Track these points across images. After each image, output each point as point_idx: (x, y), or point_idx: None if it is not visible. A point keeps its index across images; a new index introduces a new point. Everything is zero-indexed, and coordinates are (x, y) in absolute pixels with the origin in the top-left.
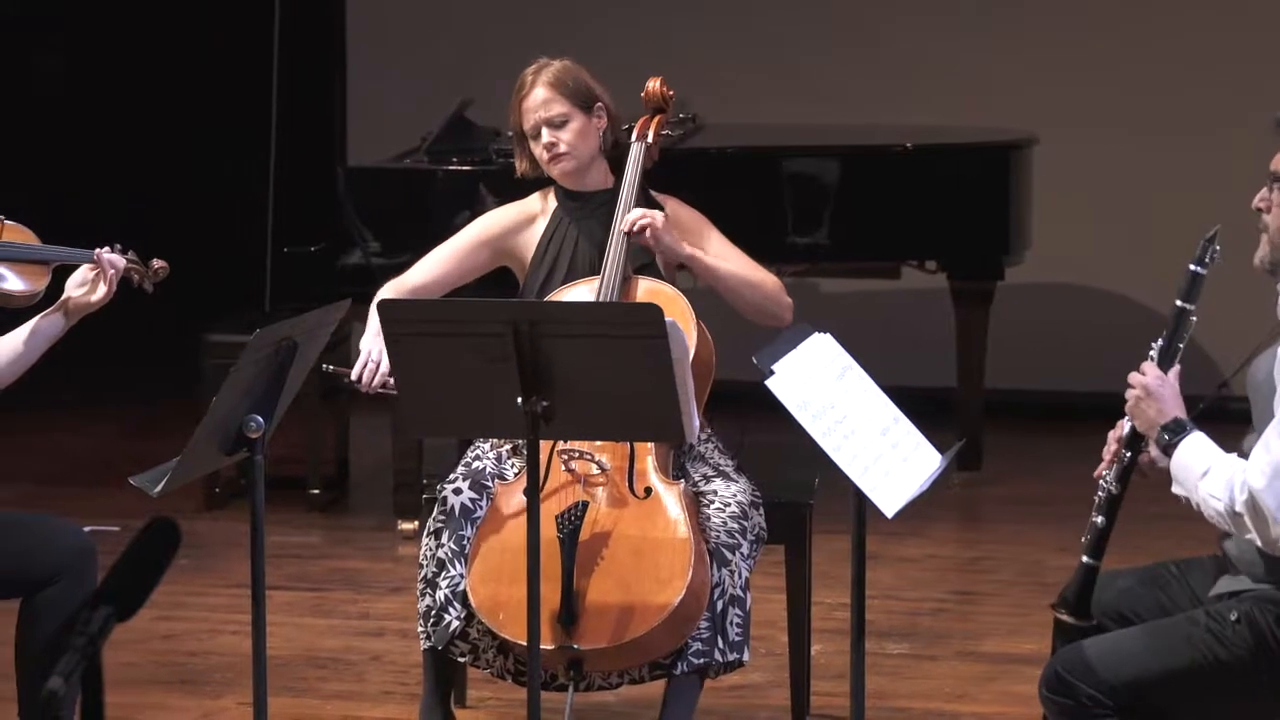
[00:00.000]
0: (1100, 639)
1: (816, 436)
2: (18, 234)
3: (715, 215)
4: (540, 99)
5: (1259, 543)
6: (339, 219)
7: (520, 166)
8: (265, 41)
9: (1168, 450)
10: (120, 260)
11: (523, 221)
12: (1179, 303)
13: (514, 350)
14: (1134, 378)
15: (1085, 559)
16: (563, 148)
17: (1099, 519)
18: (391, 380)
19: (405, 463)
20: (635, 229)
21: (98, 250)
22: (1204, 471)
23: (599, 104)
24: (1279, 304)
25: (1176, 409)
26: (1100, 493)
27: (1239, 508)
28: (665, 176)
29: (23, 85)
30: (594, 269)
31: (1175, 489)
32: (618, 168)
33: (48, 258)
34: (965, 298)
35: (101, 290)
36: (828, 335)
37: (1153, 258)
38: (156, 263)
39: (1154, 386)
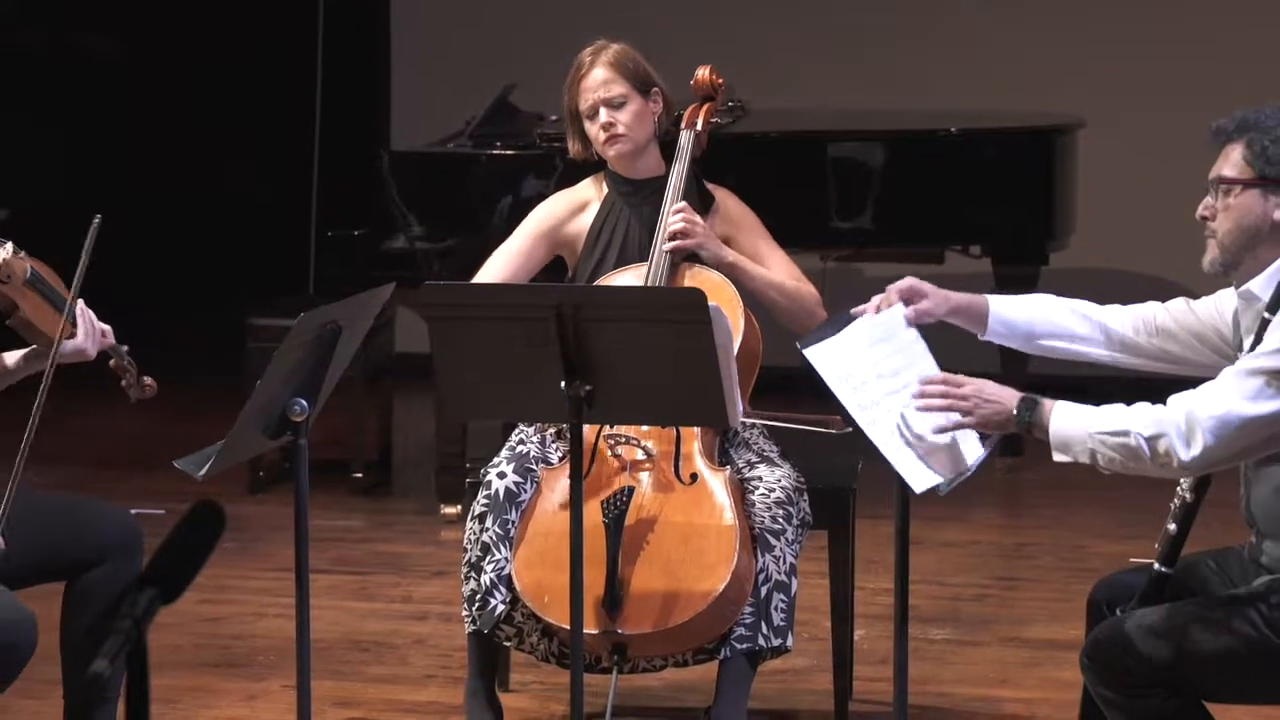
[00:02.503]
0: (1145, 613)
1: (852, 410)
2: (54, 279)
3: (759, 200)
4: (600, 79)
5: (1161, 470)
6: (383, 203)
7: (573, 148)
8: (310, 27)
9: (1035, 428)
10: (110, 338)
11: (575, 209)
12: None
13: (557, 334)
14: (953, 390)
15: (1157, 566)
16: (620, 129)
17: (1172, 526)
18: None
19: (448, 447)
20: (670, 245)
21: (88, 314)
22: (1094, 420)
23: (655, 88)
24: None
25: (1009, 391)
26: (1175, 500)
27: (1173, 434)
28: (710, 161)
29: (77, 71)
30: (644, 255)
31: (1059, 456)
32: (670, 155)
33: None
34: (1009, 283)
35: (86, 342)
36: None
37: (1196, 242)
38: (148, 379)
39: (980, 389)
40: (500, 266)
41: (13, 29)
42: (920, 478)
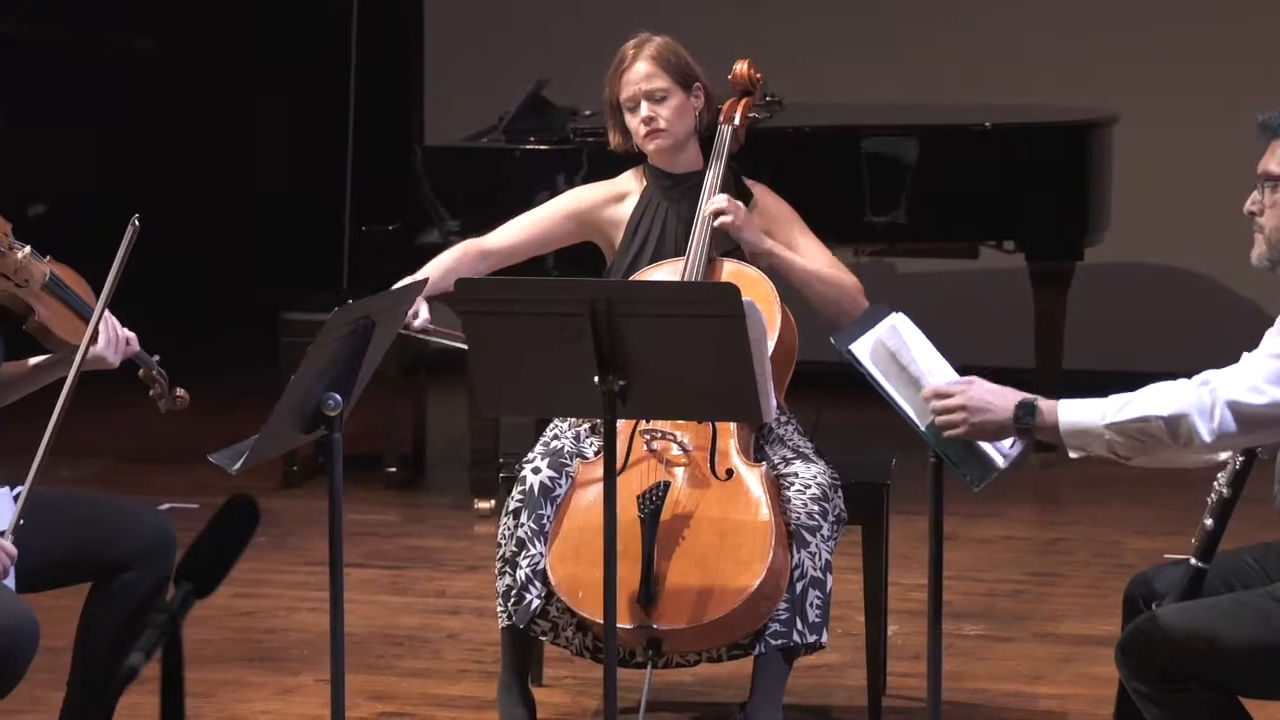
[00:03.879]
0: (1181, 607)
1: (894, 401)
2: (78, 285)
3: (794, 194)
4: (642, 72)
5: (1182, 451)
6: (417, 198)
7: (613, 140)
8: (345, 21)
9: (1039, 430)
10: (135, 346)
11: (613, 198)
12: None
13: (591, 329)
14: (944, 404)
15: (1194, 561)
16: (661, 123)
17: (1209, 521)
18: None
19: (482, 441)
20: (716, 221)
21: (117, 327)
22: (1106, 411)
23: (698, 84)
24: None
25: (1006, 396)
26: (1212, 495)
27: (1194, 412)
28: (745, 155)
29: (111, 66)
30: (681, 251)
31: (1074, 454)
32: (709, 150)
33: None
34: (1043, 278)
35: (106, 350)
36: (901, 315)
37: (1231, 237)
38: (180, 391)
39: (969, 399)
40: (520, 229)
41: (45, 23)
42: (973, 470)
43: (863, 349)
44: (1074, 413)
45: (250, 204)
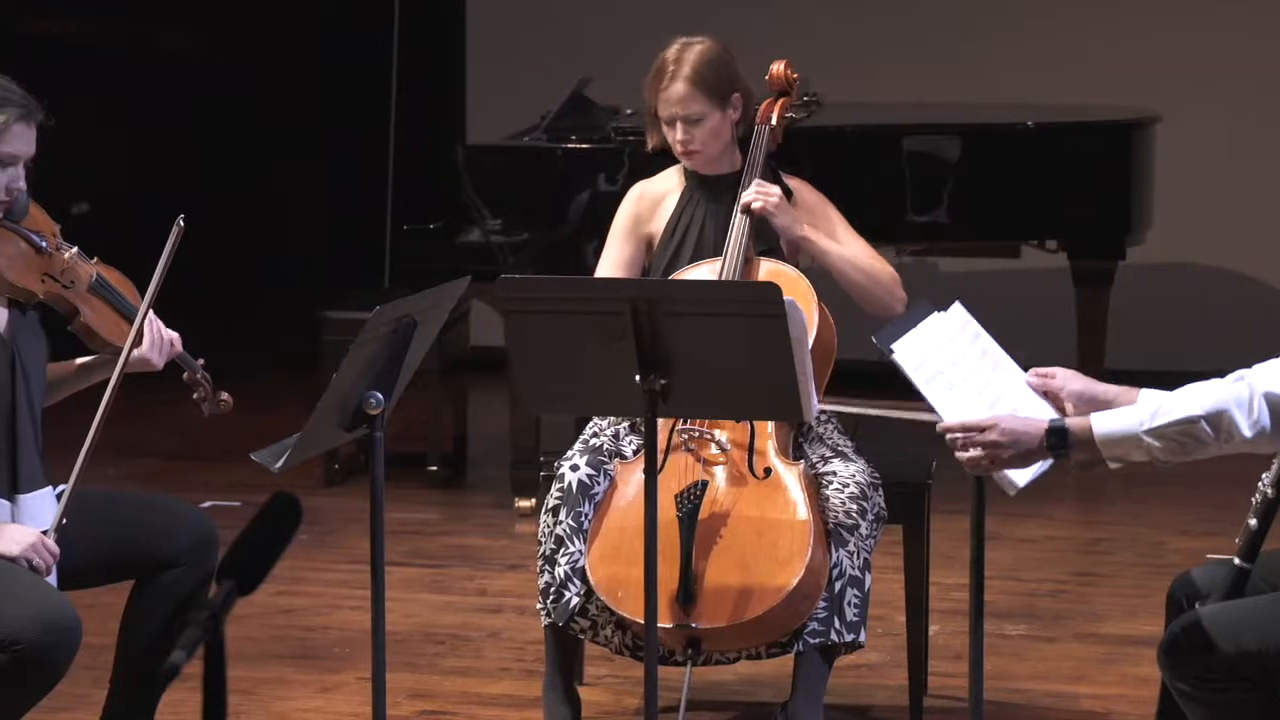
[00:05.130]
0: (1224, 606)
1: (935, 402)
2: (124, 286)
3: (835, 193)
4: (678, 95)
5: (1222, 448)
6: (458, 197)
7: (651, 141)
8: (387, 20)
9: (1075, 450)
10: (179, 348)
11: (654, 203)
12: None
13: (632, 328)
14: (967, 456)
15: (1237, 561)
16: (696, 145)
17: (1252, 521)
18: None
19: (522, 440)
20: (752, 207)
21: (163, 331)
22: (1142, 418)
23: (735, 94)
24: None
25: (1034, 426)
26: (1256, 495)
27: (1234, 407)
28: (784, 154)
29: (151, 66)
30: (719, 250)
31: (1114, 464)
32: (746, 148)
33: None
34: (1086, 277)
35: (151, 352)
36: (957, 304)
37: (1275, 236)
38: (224, 395)
39: (998, 436)
40: (611, 270)
41: (85, 24)
42: (1013, 476)
43: (904, 350)
44: (1108, 424)
45: (292, 203)
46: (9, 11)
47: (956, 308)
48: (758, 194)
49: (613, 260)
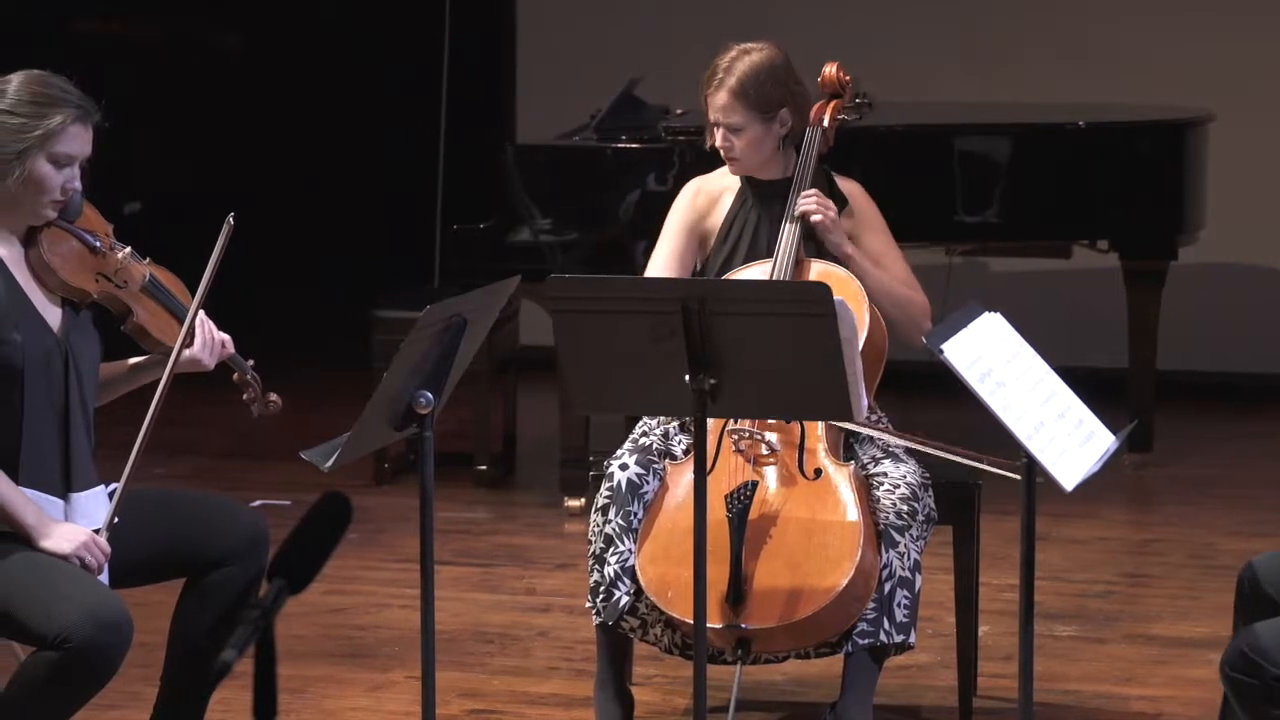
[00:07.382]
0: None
1: (988, 400)
2: (175, 286)
3: (885, 194)
4: (720, 104)
5: None
6: (508, 196)
7: (709, 140)
8: (438, 19)
9: None
10: (230, 349)
11: (712, 199)
12: None
13: (683, 328)
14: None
15: None
16: (735, 153)
17: None
18: None
19: (572, 439)
20: (811, 218)
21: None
22: None
23: (784, 110)
24: None
25: None
26: None
27: None
28: (836, 155)
29: (205, 65)
30: (771, 252)
31: None
32: (799, 149)
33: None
34: (1137, 278)
35: (202, 352)
36: (998, 314)
37: None
38: (273, 396)
39: None
40: (663, 267)
41: (140, 23)
42: (1067, 474)
43: (955, 349)
44: None
45: (343, 202)
46: (58, 11)
47: (997, 318)
48: (819, 207)
49: (666, 254)
